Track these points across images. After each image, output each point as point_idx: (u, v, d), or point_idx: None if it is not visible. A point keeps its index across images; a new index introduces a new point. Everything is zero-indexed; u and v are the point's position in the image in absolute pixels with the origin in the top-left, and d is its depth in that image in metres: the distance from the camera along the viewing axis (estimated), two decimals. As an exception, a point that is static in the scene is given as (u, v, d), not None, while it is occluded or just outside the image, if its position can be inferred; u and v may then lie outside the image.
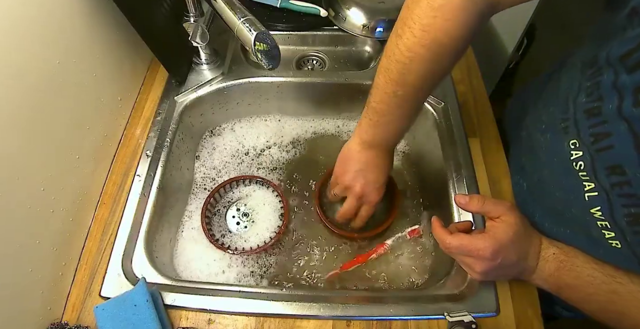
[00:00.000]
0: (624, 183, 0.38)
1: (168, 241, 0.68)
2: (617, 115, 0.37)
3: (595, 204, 0.42)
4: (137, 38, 0.63)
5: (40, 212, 0.52)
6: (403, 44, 0.46)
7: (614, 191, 0.39)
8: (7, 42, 0.45)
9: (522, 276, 0.48)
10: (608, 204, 0.41)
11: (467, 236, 0.48)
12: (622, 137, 0.37)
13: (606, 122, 0.38)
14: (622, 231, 0.41)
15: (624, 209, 0.39)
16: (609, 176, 0.39)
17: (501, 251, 0.45)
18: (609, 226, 0.42)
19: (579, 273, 0.43)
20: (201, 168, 0.80)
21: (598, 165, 0.41)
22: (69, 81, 0.56)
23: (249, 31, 0.51)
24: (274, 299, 0.56)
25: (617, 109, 0.36)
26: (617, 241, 0.42)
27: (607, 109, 0.38)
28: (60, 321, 0.55)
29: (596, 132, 0.40)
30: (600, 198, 0.41)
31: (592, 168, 0.41)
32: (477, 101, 0.75)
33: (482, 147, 0.69)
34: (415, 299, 0.57)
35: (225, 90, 0.78)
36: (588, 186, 0.43)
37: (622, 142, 0.37)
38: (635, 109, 0.35)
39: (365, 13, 0.81)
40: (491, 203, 0.48)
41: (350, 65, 0.89)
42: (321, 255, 0.71)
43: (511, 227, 0.46)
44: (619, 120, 0.36)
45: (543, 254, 0.46)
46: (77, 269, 0.59)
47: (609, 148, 0.39)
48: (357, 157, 0.59)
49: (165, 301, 0.55)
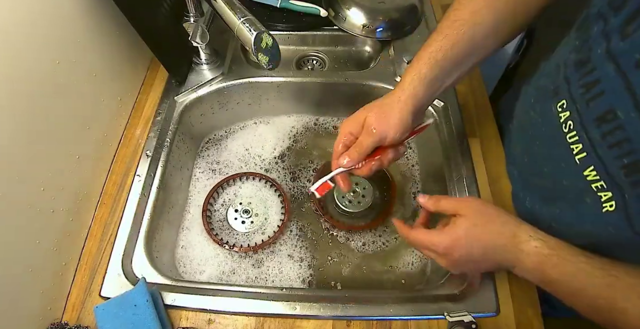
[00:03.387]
0: (617, 129, 0.37)
1: (168, 241, 0.68)
2: (606, 58, 0.37)
3: (587, 165, 0.42)
4: (137, 38, 0.63)
5: (40, 212, 0.52)
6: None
7: (604, 143, 0.39)
8: (7, 42, 0.45)
9: (504, 269, 0.47)
10: (600, 161, 0.40)
11: (424, 232, 0.49)
12: (611, 79, 0.37)
13: (595, 69, 0.39)
14: (619, 187, 0.39)
15: (618, 161, 0.38)
16: (599, 127, 0.39)
17: (455, 247, 0.45)
18: (605, 186, 0.41)
19: (564, 267, 0.41)
20: (201, 168, 0.80)
21: (587, 119, 0.41)
22: (69, 81, 0.56)
23: (249, 31, 0.51)
24: (274, 299, 0.56)
25: (605, 51, 0.37)
26: (612, 201, 0.40)
27: (596, 54, 0.38)
28: (60, 321, 0.55)
29: (586, 81, 0.40)
30: (590, 157, 0.41)
31: (581, 124, 0.41)
32: (477, 101, 0.75)
33: (482, 147, 0.69)
34: (415, 299, 0.57)
35: (225, 90, 0.78)
36: (577, 148, 0.43)
37: (611, 85, 0.37)
38: (623, 42, 0.35)
39: (365, 13, 0.81)
40: (446, 201, 0.49)
41: (350, 65, 0.89)
42: (322, 249, 0.71)
43: (467, 223, 0.46)
44: (607, 62, 0.37)
45: (523, 247, 0.44)
46: (77, 269, 0.59)
47: (599, 95, 0.39)
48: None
49: (165, 301, 0.55)
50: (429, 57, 0.50)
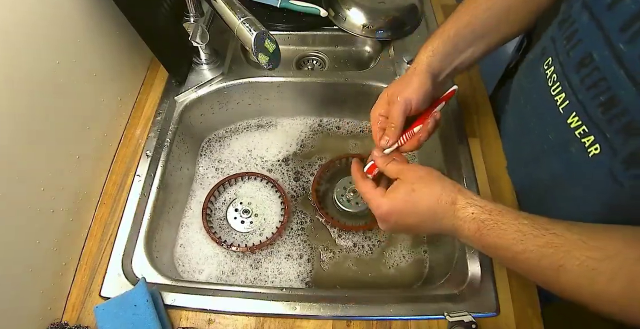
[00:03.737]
0: (593, 70, 0.41)
1: (168, 241, 0.69)
2: (582, 8, 0.41)
3: (570, 112, 0.45)
4: (137, 38, 0.63)
5: (40, 212, 0.52)
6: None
7: (583, 86, 0.42)
8: (7, 42, 0.45)
9: (445, 235, 0.48)
10: (580, 105, 0.43)
11: (370, 187, 0.49)
12: (586, 26, 0.41)
13: (575, 21, 0.43)
14: (599, 127, 0.42)
15: (595, 100, 0.41)
16: (579, 72, 0.43)
17: (392, 213, 0.46)
18: (587, 130, 0.43)
19: (503, 230, 0.40)
20: (201, 168, 0.80)
21: (568, 68, 0.45)
22: (69, 81, 0.56)
23: (249, 31, 0.51)
24: (274, 299, 0.56)
25: (582, 3, 0.42)
26: (597, 144, 0.42)
27: (575, 9, 0.43)
28: (60, 321, 0.55)
29: (567, 34, 0.45)
30: (572, 104, 0.45)
31: (564, 74, 0.45)
32: (477, 101, 0.75)
33: (482, 147, 0.69)
34: (415, 299, 0.57)
35: (225, 90, 0.78)
36: (560, 98, 0.46)
37: (587, 32, 0.41)
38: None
39: (365, 13, 0.81)
40: (393, 164, 0.49)
41: (350, 65, 0.89)
42: (322, 249, 0.71)
43: (405, 188, 0.46)
44: (583, 11, 0.41)
45: (460, 214, 0.43)
46: (77, 269, 0.59)
47: (577, 43, 0.43)
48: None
49: (165, 301, 0.55)
50: (442, 32, 0.54)
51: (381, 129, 0.54)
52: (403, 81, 0.53)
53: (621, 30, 0.37)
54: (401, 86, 0.53)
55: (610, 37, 0.38)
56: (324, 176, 0.77)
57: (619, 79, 0.38)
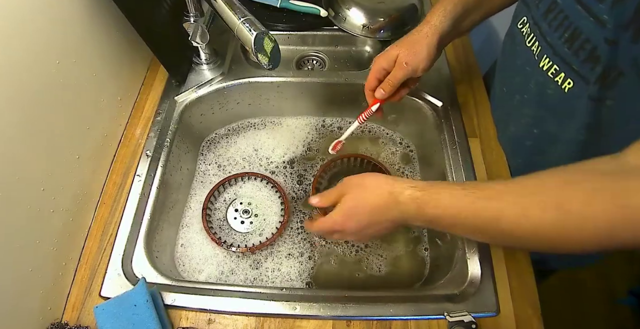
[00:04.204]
0: (559, 13, 0.46)
1: (168, 241, 0.68)
2: None
3: (542, 55, 0.50)
4: (137, 38, 0.63)
5: (40, 212, 0.52)
6: None
7: (551, 29, 0.47)
8: (7, 43, 0.45)
9: (403, 225, 0.50)
10: (550, 47, 0.48)
11: (321, 219, 0.52)
12: None
13: None
14: (567, 63, 0.47)
15: (562, 39, 0.46)
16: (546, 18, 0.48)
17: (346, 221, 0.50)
18: (558, 68, 0.48)
19: (437, 200, 0.43)
20: (201, 168, 0.80)
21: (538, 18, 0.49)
22: (69, 81, 0.56)
23: (249, 31, 0.51)
24: (274, 299, 0.56)
25: None
26: (568, 79, 0.48)
27: None
28: (60, 321, 0.55)
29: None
30: (544, 48, 0.50)
31: (535, 24, 0.50)
32: (477, 101, 0.76)
33: (482, 147, 0.69)
34: (415, 299, 0.57)
35: (225, 90, 0.78)
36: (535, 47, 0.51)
37: None
38: None
39: (365, 13, 0.81)
40: (331, 192, 0.53)
41: (350, 65, 0.89)
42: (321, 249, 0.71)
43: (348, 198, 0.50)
44: None
45: (401, 199, 0.46)
46: (77, 269, 0.59)
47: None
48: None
49: (165, 301, 0.55)
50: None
51: (377, 79, 0.60)
52: (414, 47, 0.57)
53: None
54: (411, 52, 0.57)
55: None
56: (324, 176, 0.77)
57: (579, 13, 0.43)
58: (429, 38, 0.56)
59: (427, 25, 0.57)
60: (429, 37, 0.56)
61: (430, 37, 0.56)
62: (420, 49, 0.56)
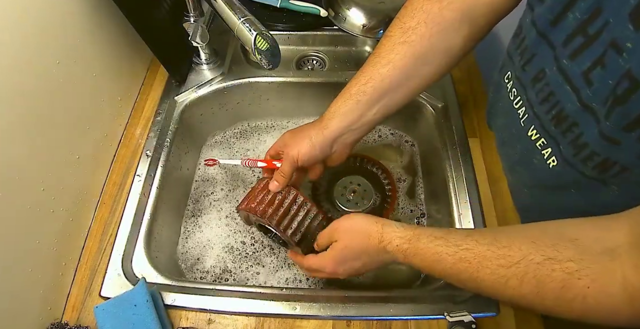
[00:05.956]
0: (545, 85, 0.42)
1: (168, 241, 0.68)
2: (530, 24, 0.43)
3: (529, 125, 0.47)
4: (137, 38, 0.63)
5: (40, 212, 0.52)
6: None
7: (538, 99, 0.44)
8: (7, 43, 0.45)
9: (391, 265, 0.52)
10: (537, 118, 0.45)
11: (312, 258, 0.54)
12: (536, 42, 0.43)
13: (525, 37, 0.45)
14: (555, 140, 0.44)
15: (548, 114, 0.43)
16: (534, 87, 0.45)
17: (337, 266, 0.52)
18: (545, 142, 0.46)
19: (423, 255, 0.45)
20: (201, 167, 0.80)
21: (525, 82, 0.46)
22: (69, 81, 0.56)
23: (249, 31, 0.51)
24: (274, 299, 0.56)
25: (530, 19, 0.43)
26: (553, 156, 0.45)
27: (525, 24, 0.45)
28: (60, 321, 0.55)
29: (521, 50, 0.47)
30: (530, 117, 0.47)
31: (522, 87, 0.47)
32: (477, 101, 0.75)
33: (482, 147, 0.69)
34: (415, 299, 0.57)
35: (225, 90, 0.78)
36: (521, 112, 0.49)
37: (538, 48, 0.43)
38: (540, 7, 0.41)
39: (365, 13, 0.80)
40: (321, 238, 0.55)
41: (350, 65, 0.89)
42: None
43: (340, 245, 0.51)
44: (531, 28, 0.43)
45: (389, 248, 0.48)
46: (77, 269, 0.59)
47: (531, 59, 0.44)
48: None
49: (165, 301, 0.55)
50: (344, 92, 0.56)
51: (275, 151, 0.60)
52: (298, 136, 0.56)
53: (564, 45, 0.38)
54: (295, 141, 0.56)
55: (557, 53, 0.39)
56: (324, 176, 0.76)
57: (566, 94, 0.39)
58: (316, 130, 0.55)
59: (321, 118, 0.56)
60: (316, 130, 0.55)
61: (317, 130, 0.55)
62: (302, 140, 0.55)
